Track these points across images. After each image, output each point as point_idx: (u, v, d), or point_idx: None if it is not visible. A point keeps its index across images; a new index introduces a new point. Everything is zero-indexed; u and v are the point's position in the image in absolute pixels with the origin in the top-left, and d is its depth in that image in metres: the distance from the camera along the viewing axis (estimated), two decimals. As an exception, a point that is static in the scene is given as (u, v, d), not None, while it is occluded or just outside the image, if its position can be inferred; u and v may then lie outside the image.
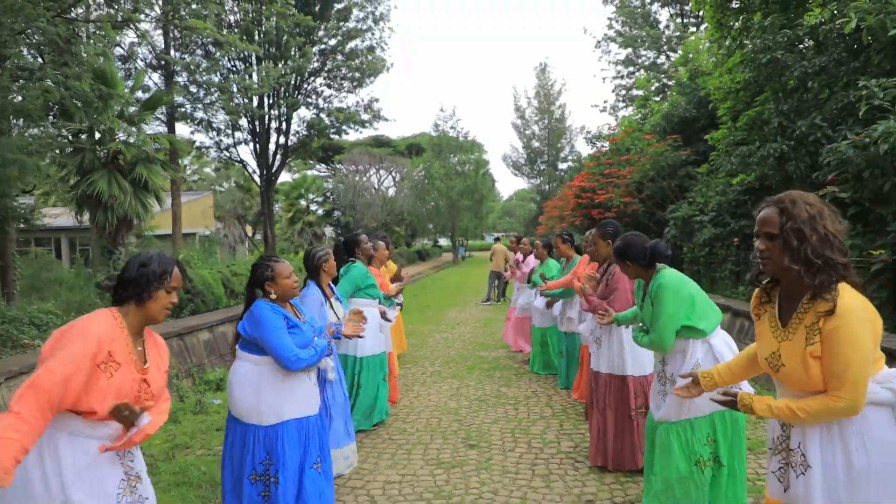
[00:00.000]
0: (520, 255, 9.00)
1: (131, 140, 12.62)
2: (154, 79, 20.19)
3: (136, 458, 2.18)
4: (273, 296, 3.00)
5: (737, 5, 10.87)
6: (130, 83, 14.80)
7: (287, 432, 2.94)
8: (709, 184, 11.48)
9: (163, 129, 19.18)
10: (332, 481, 3.21)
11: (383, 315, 5.14)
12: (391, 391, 5.58)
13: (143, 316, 2.15)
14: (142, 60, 19.77)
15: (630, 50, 26.11)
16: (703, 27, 19.12)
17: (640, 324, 3.27)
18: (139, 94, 15.58)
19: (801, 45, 8.69)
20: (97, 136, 12.50)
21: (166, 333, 6.20)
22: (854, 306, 1.81)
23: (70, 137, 11.92)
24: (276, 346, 2.87)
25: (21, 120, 8.54)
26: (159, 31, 18.64)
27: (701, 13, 17.04)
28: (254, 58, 22.52)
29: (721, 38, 11.25)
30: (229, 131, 24.69)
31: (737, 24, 10.65)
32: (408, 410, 5.63)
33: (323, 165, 43.40)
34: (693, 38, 17.14)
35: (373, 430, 4.98)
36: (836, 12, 7.16)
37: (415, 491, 3.79)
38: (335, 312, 4.04)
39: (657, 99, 20.76)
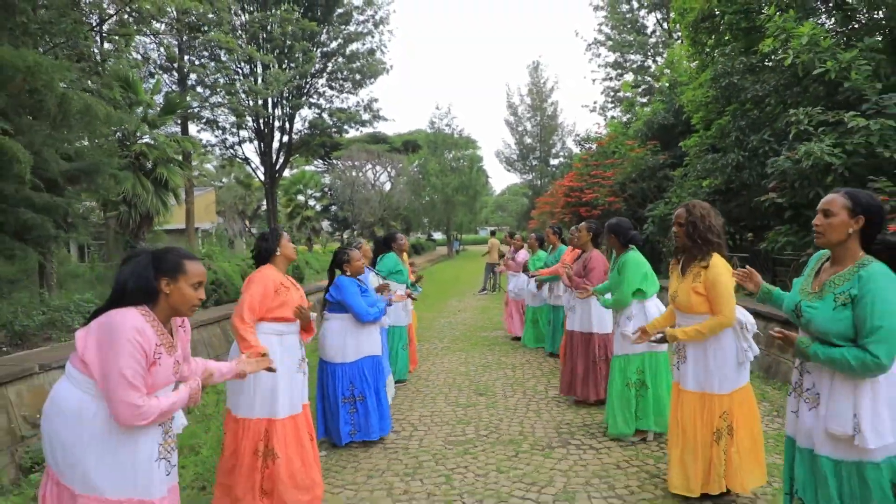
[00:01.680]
0: (512, 249, 10.34)
1: (153, 142, 13.82)
2: (164, 80, 21.33)
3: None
4: (349, 272, 4.38)
5: (708, 25, 12.23)
6: (146, 86, 15.88)
7: (364, 365, 4.34)
8: (683, 185, 12.84)
9: (177, 129, 20.39)
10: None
11: (409, 295, 6.50)
12: (411, 358, 6.95)
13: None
14: (154, 63, 20.94)
15: (618, 54, 27.50)
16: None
17: (609, 293, 4.69)
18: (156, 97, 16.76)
19: (758, 69, 10.09)
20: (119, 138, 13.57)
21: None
22: (719, 263, 3.25)
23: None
24: (354, 305, 4.25)
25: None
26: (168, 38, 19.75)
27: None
28: (259, 64, 23.69)
29: (696, 54, 12.66)
30: (234, 130, 25.86)
31: (710, 41, 12.01)
32: (427, 373, 7.02)
33: (320, 161, 44.42)
34: (676, 45, 18.56)
35: (400, 386, 6.34)
36: (777, 48, 8.55)
37: (443, 420, 5.18)
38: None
39: (644, 101, 22.23)
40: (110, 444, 2.07)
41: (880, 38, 7.76)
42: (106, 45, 13.16)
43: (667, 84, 15.99)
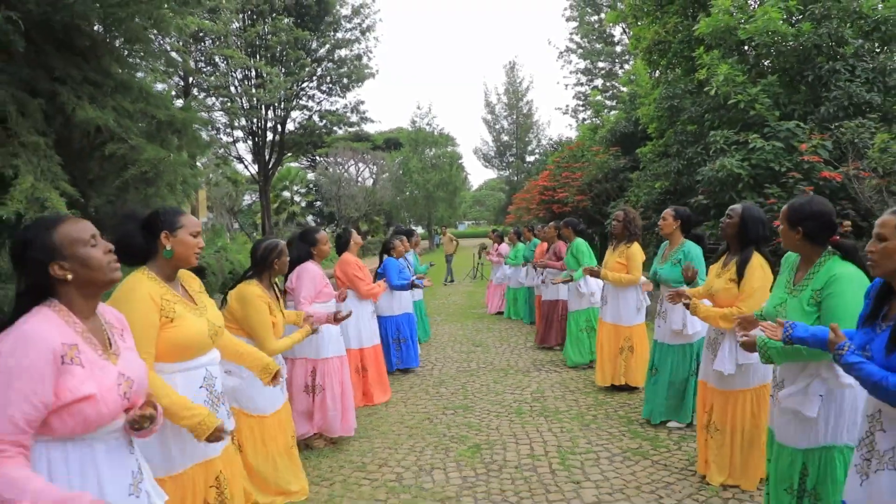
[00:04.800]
0: (495, 245, 12.50)
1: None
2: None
3: None
4: (394, 255, 6.46)
5: (660, 49, 14.44)
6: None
7: (405, 317, 6.44)
8: (640, 186, 15.06)
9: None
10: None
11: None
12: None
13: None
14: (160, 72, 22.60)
15: (588, 61, 29.75)
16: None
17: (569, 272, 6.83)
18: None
19: (695, 92, 12.33)
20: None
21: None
22: (636, 246, 5.38)
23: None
24: (393, 276, 6.32)
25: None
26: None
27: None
28: (253, 70, 25.38)
29: (651, 71, 14.89)
30: (229, 130, 27.53)
31: (662, 61, 14.22)
32: (435, 335, 9.12)
33: (304, 158, 45.76)
34: (637, 59, 20.81)
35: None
36: (707, 78, 10.77)
37: (453, 359, 7.31)
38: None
39: (612, 103, 24.53)
40: None
41: (777, 77, 9.96)
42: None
43: (627, 97, 18.23)
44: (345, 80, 28.78)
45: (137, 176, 4.91)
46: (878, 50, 9.49)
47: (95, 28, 5.28)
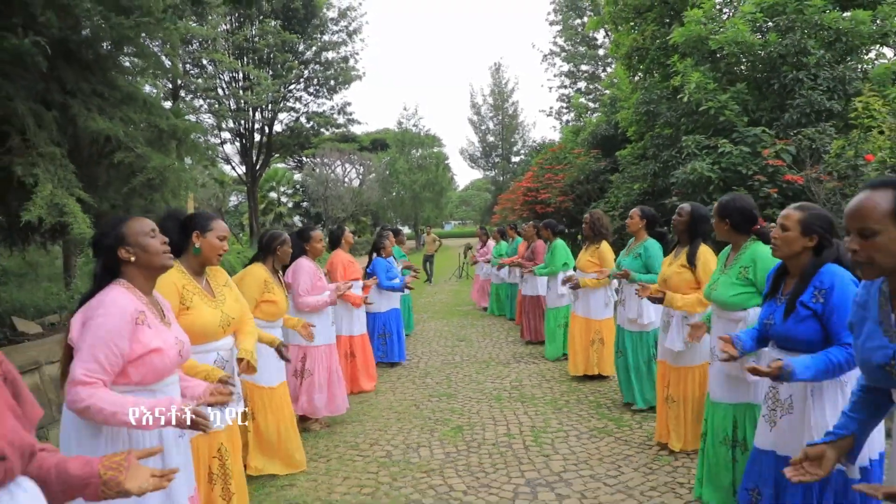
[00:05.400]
0: (479, 244, 12.98)
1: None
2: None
3: None
4: (384, 255, 6.87)
5: (639, 56, 14.95)
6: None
7: (392, 313, 6.85)
8: (620, 188, 15.57)
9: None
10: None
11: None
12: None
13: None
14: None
15: (572, 64, 30.29)
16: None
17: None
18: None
19: (670, 98, 12.84)
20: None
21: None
22: (606, 245, 5.84)
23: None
24: (381, 276, 6.73)
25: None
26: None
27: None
28: (240, 73, 25.67)
29: (630, 76, 15.41)
30: (216, 132, 27.76)
31: (641, 66, 14.73)
32: (422, 331, 9.55)
33: (291, 159, 45.89)
34: (618, 64, 21.37)
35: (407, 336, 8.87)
36: (681, 85, 11.28)
37: (438, 353, 7.73)
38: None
39: (595, 105, 25.08)
40: None
41: (745, 85, 10.48)
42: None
43: (608, 101, 18.76)
44: (332, 83, 29.10)
45: (144, 182, 5.28)
46: (838, 60, 10.03)
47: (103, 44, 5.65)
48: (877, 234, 1.55)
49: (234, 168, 30.36)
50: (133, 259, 2.14)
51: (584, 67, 29.97)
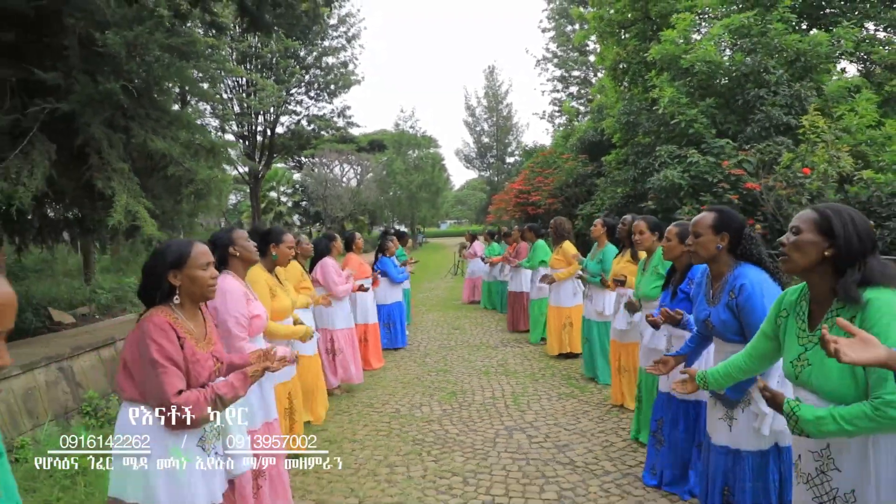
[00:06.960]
0: (469, 244, 14.06)
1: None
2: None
3: None
4: (388, 254, 7.94)
5: (623, 68, 16.04)
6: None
7: (396, 305, 7.92)
8: (605, 191, 16.65)
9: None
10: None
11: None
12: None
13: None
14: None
15: (563, 69, 31.39)
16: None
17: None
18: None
19: (649, 109, 13.93)
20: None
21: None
22: (568, 244, 6.94)
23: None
24: (391, 272, 7.80)
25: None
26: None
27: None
28: (245, 79, 26.60)
29: (616, 85, 16.50)
30: (220, 134, 28.68)
31: (626, 77, 15.79)
32: (421, 321, 10.62)
33: (290, 159, 46.67)
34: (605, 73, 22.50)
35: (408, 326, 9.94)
36: (656, 97, 12.37)
37: (435, 339, 8.80)
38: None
39: (586, 109, 26.18)
40: None
41: (714, 100, 11.58)
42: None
43: (596, 108, 19.86)
44: (332, 87, 30.04)
45: (193, 192, 6.35)
46: (798, 78, 11.13)
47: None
48: (699, 235, 2.72)
49: (236, 168, 31.33)
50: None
51: (575, 73, 31.07)
